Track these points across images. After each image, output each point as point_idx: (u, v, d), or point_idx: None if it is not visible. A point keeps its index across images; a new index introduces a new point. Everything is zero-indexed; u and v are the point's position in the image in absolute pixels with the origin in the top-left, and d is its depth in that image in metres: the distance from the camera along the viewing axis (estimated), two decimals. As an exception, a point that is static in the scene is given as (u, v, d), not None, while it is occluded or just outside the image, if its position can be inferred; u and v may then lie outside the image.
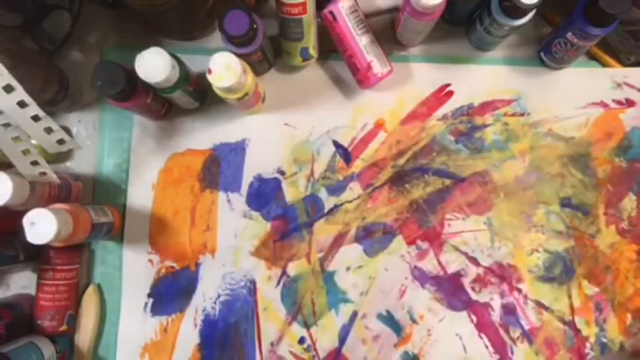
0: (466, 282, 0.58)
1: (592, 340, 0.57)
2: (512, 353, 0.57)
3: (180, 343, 0.58)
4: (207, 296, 0.58)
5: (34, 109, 0.48)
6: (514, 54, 0.61)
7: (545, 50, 0.59)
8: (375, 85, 0.58)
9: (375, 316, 0.58)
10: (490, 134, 0.60)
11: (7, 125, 0.49)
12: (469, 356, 0.57)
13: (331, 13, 0.56)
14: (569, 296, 0.58)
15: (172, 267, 0.59)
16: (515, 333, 0.57)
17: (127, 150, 0.60)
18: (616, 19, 0.51)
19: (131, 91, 0.51)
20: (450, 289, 0.58)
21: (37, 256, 0.56)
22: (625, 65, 0.61)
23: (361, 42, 0.56)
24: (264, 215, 0.59)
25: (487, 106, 0.60)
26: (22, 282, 0.59)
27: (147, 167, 0.60)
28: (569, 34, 0.54)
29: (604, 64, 0.61)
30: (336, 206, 0.59)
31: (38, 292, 0.55)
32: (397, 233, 0.59)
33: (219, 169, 0.60)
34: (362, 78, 0.58)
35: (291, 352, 0.57)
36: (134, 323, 0.58)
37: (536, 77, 0.61)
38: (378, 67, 0.57)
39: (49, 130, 0.50)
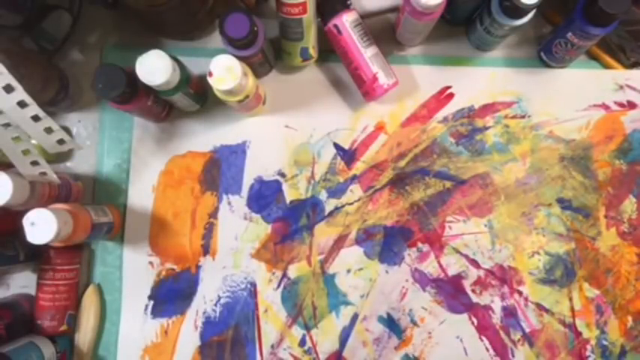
0: (467, 284, 0.58)
1: (593, 342, 0.57)
2: (512, 356, 0.57)
3: (180, 346, 0.57)
4: (207, 298, 0.58)
5: (34, 109, 0.48)
6: (514, 54, 0.61)
7: (546, 50, 0.59)
8: (380, 97, 0.58)
9: (376, 318, 0.58)
10: (491, 136, 0.60)
11: (7, 125, 0.48)
12: (470, 359, 0.57)
13: (336, 26, 0.56)
14: (570, 299, 0.58)
15: (173, 269, 0.59)
16: (516, 335, 0.57)
17: (127, 150, 0.60)
18: (616, 19, 0.50)
19: (132, 93, 0.51)
20: (451, 292, 0.58)
21: (37, 256, 0.56)
22: (625, 65, 0.61)
23: (366, 54, 0.56)
24: (264, 217, 0.59)
25: (488, 109, 0.60)
26: (22, 282, 0.58)
27: (147, 169, 0.60)
28: (569, 34, 0.54)
29: (604, 65, 0.61)
30: (337, 208, 0.59)
31: (38, 292, 0.55)
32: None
33: (219, 171, 0.60)
34: (368, 90, 0.57)
35: (291, 355, 0.57)
36: (135, 325, 0.58)
37: (537, 79, 0.61)
38: (384, 78, 0.56)
39: (49, 130, 0.50)
